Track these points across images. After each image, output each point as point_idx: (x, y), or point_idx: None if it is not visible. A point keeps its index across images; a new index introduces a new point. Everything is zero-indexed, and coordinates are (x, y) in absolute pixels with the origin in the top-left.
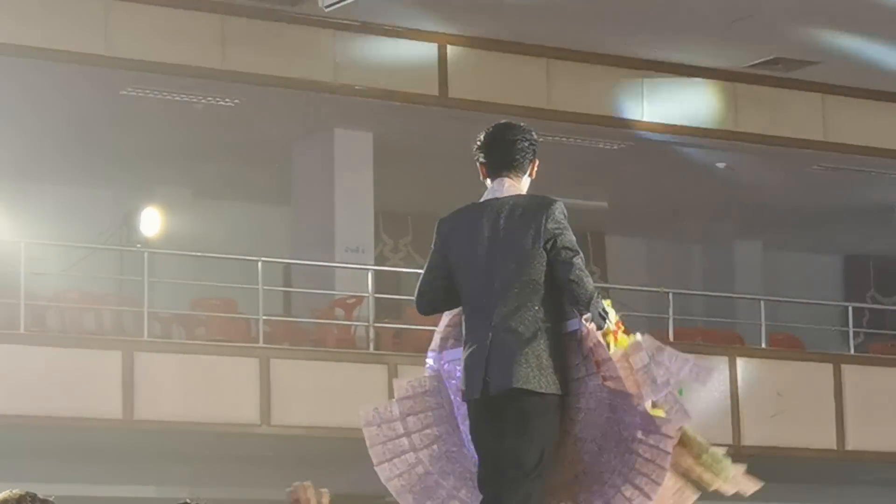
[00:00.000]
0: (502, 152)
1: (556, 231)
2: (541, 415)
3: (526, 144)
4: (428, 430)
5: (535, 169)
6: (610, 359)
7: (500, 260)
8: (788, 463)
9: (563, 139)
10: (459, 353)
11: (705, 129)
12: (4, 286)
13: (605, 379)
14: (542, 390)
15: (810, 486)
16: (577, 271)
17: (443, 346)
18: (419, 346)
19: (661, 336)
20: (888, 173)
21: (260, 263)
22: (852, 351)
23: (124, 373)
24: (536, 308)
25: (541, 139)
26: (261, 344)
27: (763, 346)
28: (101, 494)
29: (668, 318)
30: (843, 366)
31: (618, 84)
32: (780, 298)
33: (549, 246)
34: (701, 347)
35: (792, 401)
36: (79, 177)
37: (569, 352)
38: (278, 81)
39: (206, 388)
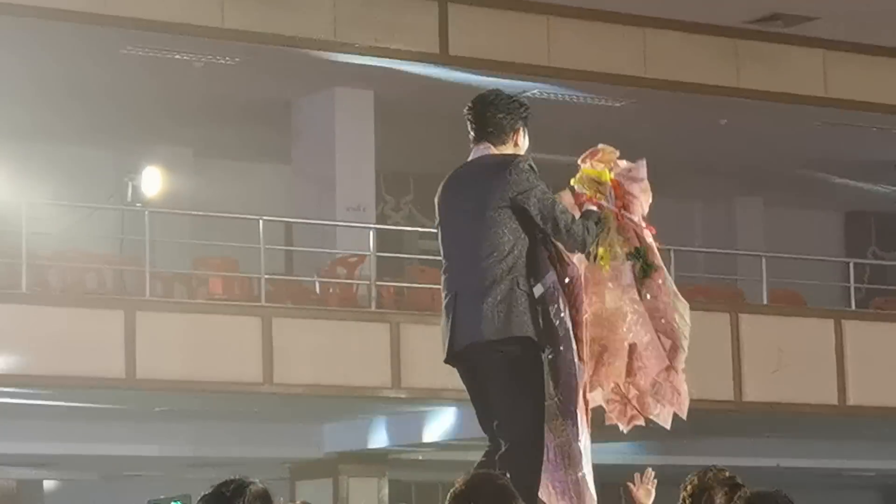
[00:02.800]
0: (481, 122)
1: (523, 189)
2: (512, 365)
3: (503, 115)
4: None
5: (521, 138)
6: (582, 323)
7: (465, 226)
8: (790, 418)
9: (564, 96)
10: None
11: (706, 86)
12: (6, 246)
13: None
14: (506, 335)
15: (811, 441)
16: (562, 226)
17: None
18: (421, 305)
19: None
20: (889, 129)
21: (261, 222)
22: (853, 306)
23: (126, 332)
24: (499, 268)
25: (541, 96)
26: (262, 303)
27: (764, 302)
28: (104, 453)
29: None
30: (843, 321)
31: (619, 41)
32: (782, 255)
33: (519, 206)
34: (702, 304)
35: (793, 357)
36: (80, 137)
37: (538, 316)
38: (278, 40)
39: (208, 347)
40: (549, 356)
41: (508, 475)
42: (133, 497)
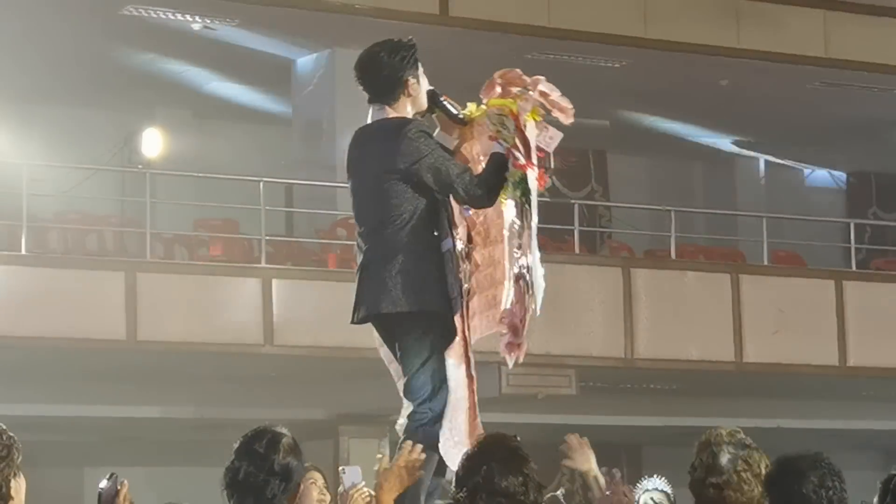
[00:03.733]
0: (368, 84)
1: (414, 159)
2: (408, 335)
3: (386, 72)
4: None
5: (413, 88)
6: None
7: (364, 193)
8: (791, 379)
9: (564, 57)
10: None
11: (707, 46)
12: (6, 208)
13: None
14: (403, 309)
15: (812, 403)
16: (460, 191)
17: None
18: None
19: (663, 254)
20: (890, 89)
21: (262, 184)
22: (854, 267)
23: (127, 293)
24: (397, 240)
25: (542, 57)
26: (263, 264)
27: (765, 263)
28: (105, 415)
29: (669, 237)
30: (844, 282)
31: (619, 1)
32: (782, 215)
33: (414, 173)
34: (703, 265)
35: (794, 317)
36: (80, 98)
37: (447, 272)
38: (277, 0)
39: (209, 309)
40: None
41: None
42: (132, 459)
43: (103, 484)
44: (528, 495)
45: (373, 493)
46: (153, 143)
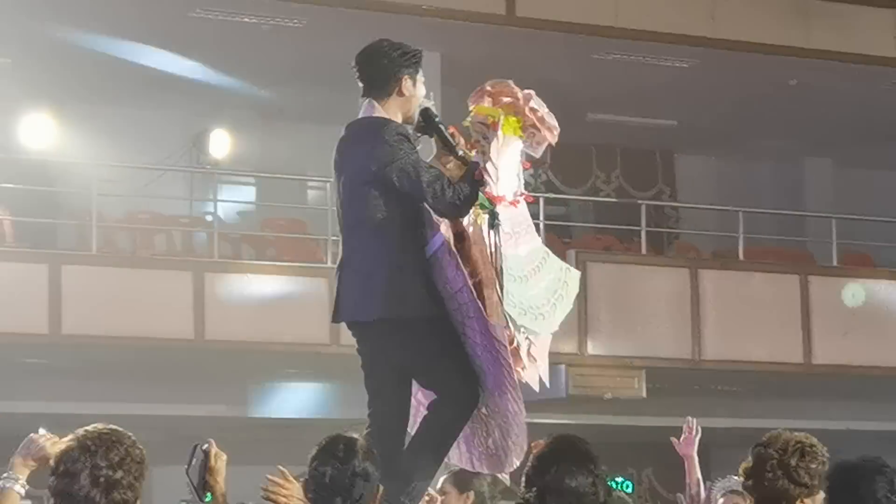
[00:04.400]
0: (362, 75)
1: (385, 162)
2: (403, 346)
3: (383, 63)
4: None
5: (406, 87)
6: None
7: (342, 196)
8: (860, 381)
9: (631, 57)
10: None
11: (776, 46)
12: (76, 208)
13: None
14: (377, 317)
15: (882, 405)
16: (429, 198)
17: None
18: None
19: (730, 255)
20: None
21: (329, 184)
22: None
23: (195, 293)
24: (375, 244)
25: (608, 57)
26: (329, 264)
27: (834, 263)
28: (172, 413)
29: (738, 237)
30: None
31: (687, 0)
32: (851, 216)
33: (386, 176)
34: (771, 266)
35: (863, 319)
36: (149, 99)
37: (432, 274)
38: (343, 2)
39: (276, 308)
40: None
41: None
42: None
43: (192, 461)
44: (598, 496)
45: (438, 496)
46: (221, 143)
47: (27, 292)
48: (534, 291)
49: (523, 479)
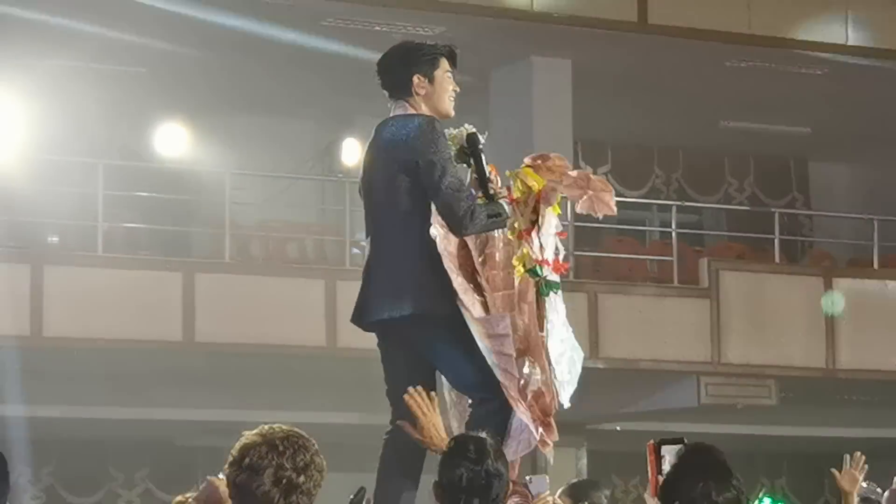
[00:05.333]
0: (383, 82)
1: (418, 153)
2: (430, 337)
3: (397, 65)
4: None
5: (421, 87)
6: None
7: (374, 189)
8: None
9: (765, 64)
10: None
11: None
12: (210, 216)
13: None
14: (410, 313)
15: None
16: (442, 197)
17: None
18: (618, 275)
19: (865, 263)
20: None
21: None
22: None
23: (327, 301)
24: (407, 238)
25: (741, 65)
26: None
27: None
28: (305, 421)
29: (872, 246)
30: None
31: (821, 8)
32: None
33: (415, 166)
34: None
35: None
36: (281, 107)
37: (448, 282)
38: (477, 10)
39: None
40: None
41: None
42: (331, 465)
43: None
44: None
45: (558, 501)
46: (352, 151)
47: (161, 300)
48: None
49: (660, 490)
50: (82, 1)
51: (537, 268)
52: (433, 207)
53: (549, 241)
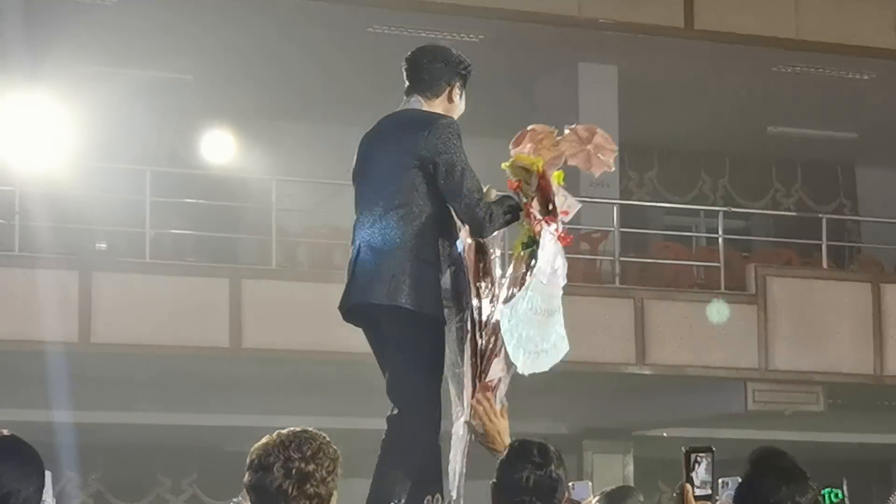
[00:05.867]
0: (416, 70)
1: (437, 151)
2: (402, 334)
3: (441, 65)
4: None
5: (455, 95)
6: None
7: (378, 176)
8: None
9: (812, 70)
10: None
11: None
12: (256, 222)
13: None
14: (397, 303)
15: None
16: (463, 200)
17: None
18: (665, 281)
19: None
20: None
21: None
22: None
23: None
24: (404, 230)
25: (788, 70)
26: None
27: None
28: (351, 427)
29: None
30: None
31: (868, 12)
32: None
33: (431, 167)
34: None
35: None
36: (326, 114)
37: (438, 286)
38: (522, 16)
39: None
40: (458, 325)
41: (393, 438)
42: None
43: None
44: None
45: None
46: None
47: (208, 306)
48: (540, 329)
49: (736, 494)
50: (130, 9)
51: (528, 238)
52: (453, 211)
53: (568, 202)
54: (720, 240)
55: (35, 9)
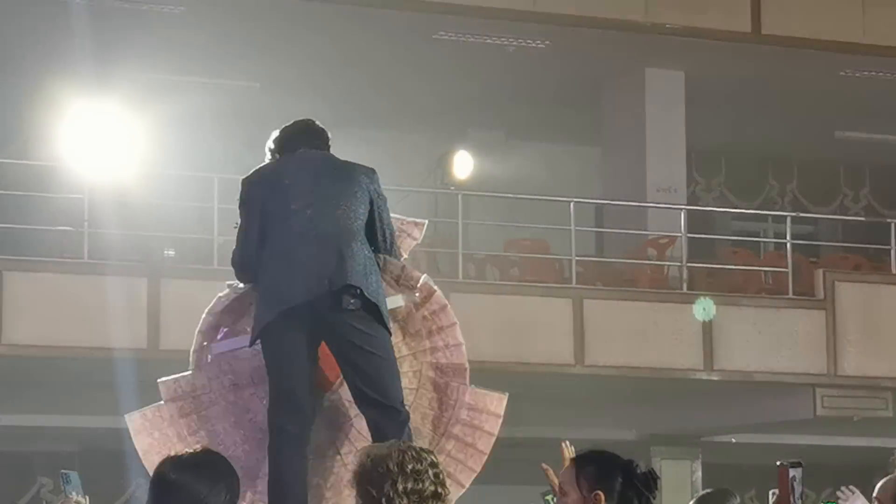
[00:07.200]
0: (322, 137)
1: (381, 202)
2: (367, 324)
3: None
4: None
5: None
6: (454, 324)
7: (329, 185)
8: None
9: (880, 74)
10: (232, 345)
11: None
12: None
13: (438, 349)
14: (380, 303)
15: None
16: (390, 230)
17: (213, 338)
18: (733, 286)
19: None
20: None
21: (572, 204)
22: None
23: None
24: (365, 246)
25: (855, 74)
26: (573, 284)
27: None
28: None
29: None
30: None
31: None
32: None
33: (375, 204)
34: None
35: None
36: (393, 121)
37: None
38: (588, 21)
39: (520, 328)
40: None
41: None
42: None
43: None
44: None
45: None
46: (465, 164)
47: None
48: None
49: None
50: (197, 18)
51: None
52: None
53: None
54: (788, 245)
55: (104, 19)
